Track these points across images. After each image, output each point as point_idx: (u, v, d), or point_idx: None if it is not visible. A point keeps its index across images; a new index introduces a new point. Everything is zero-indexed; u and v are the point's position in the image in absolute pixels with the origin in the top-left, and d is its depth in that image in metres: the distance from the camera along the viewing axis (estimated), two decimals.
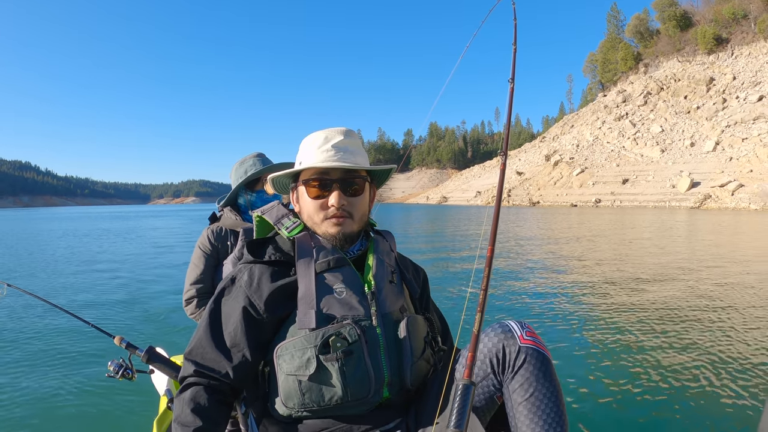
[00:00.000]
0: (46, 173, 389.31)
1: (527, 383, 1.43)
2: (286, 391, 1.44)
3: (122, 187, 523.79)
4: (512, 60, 2.03)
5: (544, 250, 13.51)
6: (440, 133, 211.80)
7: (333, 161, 1.52)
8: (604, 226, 24.72)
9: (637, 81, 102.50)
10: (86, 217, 56.53)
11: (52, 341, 5.04)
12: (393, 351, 1.51)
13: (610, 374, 3.88)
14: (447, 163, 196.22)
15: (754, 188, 50.65)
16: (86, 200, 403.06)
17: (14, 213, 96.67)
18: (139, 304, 6.86)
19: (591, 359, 4.27)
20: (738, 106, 72.23)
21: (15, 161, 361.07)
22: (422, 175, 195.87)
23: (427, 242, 17.45)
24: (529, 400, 1.42)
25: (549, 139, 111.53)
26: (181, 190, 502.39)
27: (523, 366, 1.43)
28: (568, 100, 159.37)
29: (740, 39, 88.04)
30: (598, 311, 6.08)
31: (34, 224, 38.93)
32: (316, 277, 1.50)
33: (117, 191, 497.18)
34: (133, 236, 22.39)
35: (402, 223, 30.15)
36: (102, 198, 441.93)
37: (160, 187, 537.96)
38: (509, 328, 1.49)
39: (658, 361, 4.15)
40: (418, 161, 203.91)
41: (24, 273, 10.52)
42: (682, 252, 12.73)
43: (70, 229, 29.91)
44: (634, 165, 75.33)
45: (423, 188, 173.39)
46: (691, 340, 4.76)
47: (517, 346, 1.45)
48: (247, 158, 2.94)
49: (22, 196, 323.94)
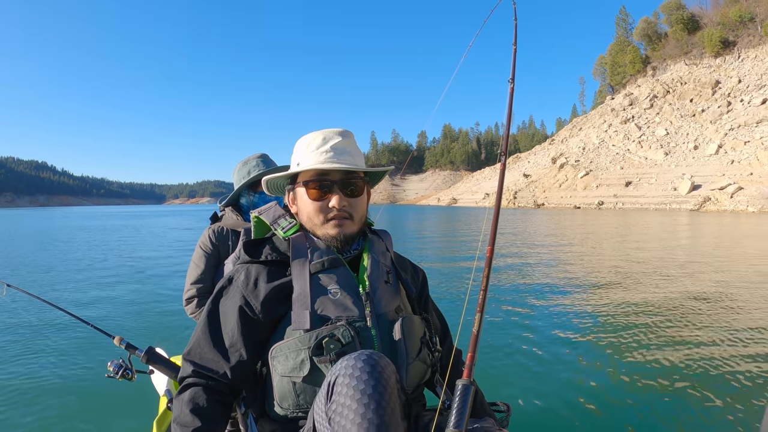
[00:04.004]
0: (62, 173, 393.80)
1: None
2: (281, 393, 1.45)
3: (138, 187, 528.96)
4: (512, 60, 2.03)
5: (545, 250, 13.49)
6: (454, 134, 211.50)
7: (333, 162, 1.54)
8: (604, 227, 25.16)
9: (644, 84, 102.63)
10: (93, 216, 57.69)
11: (52, 341, 5.06)
12: (388, 352, 1.50)
13: (612, 374, 3.89)
14: (460, 165, 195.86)
15: (753, 191, 51.03)
16: (102, 200, 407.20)
17: (31, 212, 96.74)
18: (139, 304, 6.90)
19: (593, 359, 4.29)
20: (742, 109, 72.30)
21: (32, 161, 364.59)
22: (435, 176, 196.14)
23: (428, 241, 17.47)
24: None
25: (558, 142, 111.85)
26: (196, 191, 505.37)
27: None
28: (581, 102, 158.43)
29: (747, 42, 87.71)
30: (599, 310, 6.07)
31: (48, 222, 40.05)
32: (310, 277, 1.51)
33: (132, 191, 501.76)
34: (137, 234, 22.65)
35: (405, 224, 30.44)
36: (118, 198, 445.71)
37: (175, 188, 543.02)
38: None
39: (657, 361, 4.17)
40: (432, 163, 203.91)
41: (25, 272, 10.53)
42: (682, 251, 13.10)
43: (76, 227, 30.54)
44: (638, 168, 75.74)
45: (436, 190, 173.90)
46: (692, 339, 4.78)
47: None
48: (250, 159, 2.94)
49: (39, 195, 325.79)
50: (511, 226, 26.12)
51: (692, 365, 4.06)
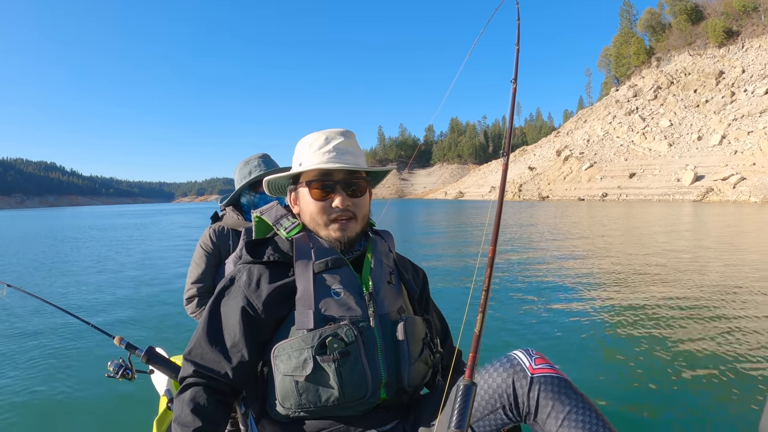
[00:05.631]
0: (71, 173, 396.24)
1: (554, 411, 1.33)
2: (283, 392, 1.45)
3: (146, 185, 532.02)
4: (515, 60, 1.96)
5: (547, 246, 13.39)
6: (461, 128, 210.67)
7: (336, 162, 1.53)
8: (610, 218, 25.18)
9: (648, 75, 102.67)
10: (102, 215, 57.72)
11: (52, 341, 5.05)
12: (390, 352, 1.51)
13: (612, 375, 3.87)
14: (468, 159, 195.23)
15: (755, 181, 51.29)
16: (111, 199, 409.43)
17: (39, 213, 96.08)
18: (139, 304, 6.88)
19: (594, 359, 4.28)
20: (746, 99, 72.32)
21: (41, 162, 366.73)
22: (443, 170, 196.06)
23: (429, 240, 17.24)
24: (564, 423, 1.32)
25: (563, 134, 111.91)
26: (205, 188, 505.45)
27: (541, 396, 1.35)
28: (587, 93, 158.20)
29: (750, 32, 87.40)
30: (601, 309, 6.03)
31: (53, 222, 40.42)
32: (314, 277, 1.51)
33: (141, 190, 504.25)
34: (141, 233, 22.90)
35: (408, 219, 30.40)
36: (126, 197, 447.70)
37: (184, 186, 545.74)
38: (517, 361, 1.42)
39: (661, 357, 4.18)
40: (440, 157, 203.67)
41: (25, 272, 10.54)
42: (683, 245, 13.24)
43: (79, 226, 30.70)
44: (641, 159, 76.01)
45: (444, 183, 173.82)
46: (693, 336, 4.76)
47: (528, 378, 1.37)
48: (252, 159, 2.91)
49: (48, 196, 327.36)
50: (514, 219, 26.06)
51: (693, 364, 4.03)
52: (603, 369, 4.02)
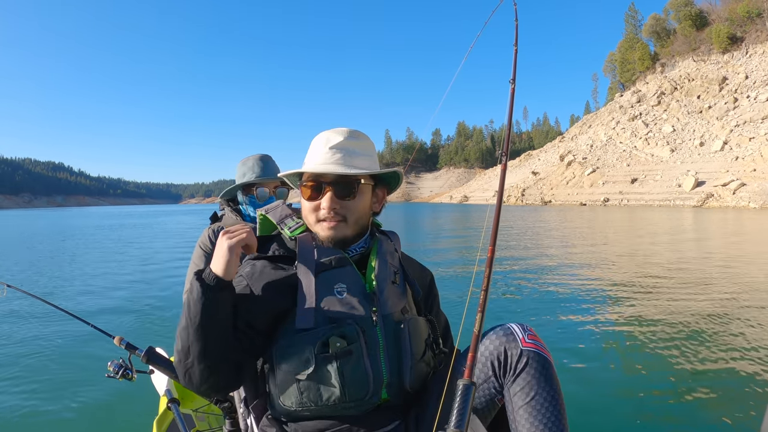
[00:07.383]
0: (79, 174, 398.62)
1: (528, 387, 1.40)
2: (285, 390, 1.44)
3: (154, 186, 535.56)
4: (513, 61, 1.98)
5: (547, 250, 13.48)
6: (468, 132, 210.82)
7: (328, 164, 1.53)
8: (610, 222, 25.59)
9: (652, 81, 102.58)
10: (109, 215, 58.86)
11: (52, 341, 5.08)
12: (393, 352, 1.50)
13: (613, 374, 3.92)
14: (475, 163, 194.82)
15: (755, 187, 51.29)
16: (118, 200, 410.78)
17: (46, 212, 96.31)
18: (139, 304, 6.90)
19: (594, 360, 4.31)
20: (748, 105, 72.10)
21: (49, 162, 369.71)
22: (450, 174, 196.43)
23: (429, 241, 17.50)
24: (530, 403, 1.39)
25: (568, 139, 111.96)
26: (212, 190, 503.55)
27: (525, 369, 1.42)
28: (594, 98, 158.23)
29: (754, 38, 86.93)
30: (603, 312, 6.06)
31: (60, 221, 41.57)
32: (317, 276, 1.50)
33: (149, 191, 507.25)
34: (145, 233, 23.26)
35: (410, 221, 30.56)
36: (134, 198, 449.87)
37: (191, 187, 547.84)
38: (511, 331, 1.48)
39: (662, 362, 4.21)
40: (446, 161, 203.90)
41: (25, 272, 10.69)
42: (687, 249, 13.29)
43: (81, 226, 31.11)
44: (644, 165, 75.94)
45: (450, 187, 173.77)
46: (695, 340, 4.80)
47: (519, 349, 1.43)
48: (248, 159, 2.92)
49: (56, 196, 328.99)
50: (510, 224, 26.38)
51: (695, 366, 4.08)
52: (604, 371, 4.08)
